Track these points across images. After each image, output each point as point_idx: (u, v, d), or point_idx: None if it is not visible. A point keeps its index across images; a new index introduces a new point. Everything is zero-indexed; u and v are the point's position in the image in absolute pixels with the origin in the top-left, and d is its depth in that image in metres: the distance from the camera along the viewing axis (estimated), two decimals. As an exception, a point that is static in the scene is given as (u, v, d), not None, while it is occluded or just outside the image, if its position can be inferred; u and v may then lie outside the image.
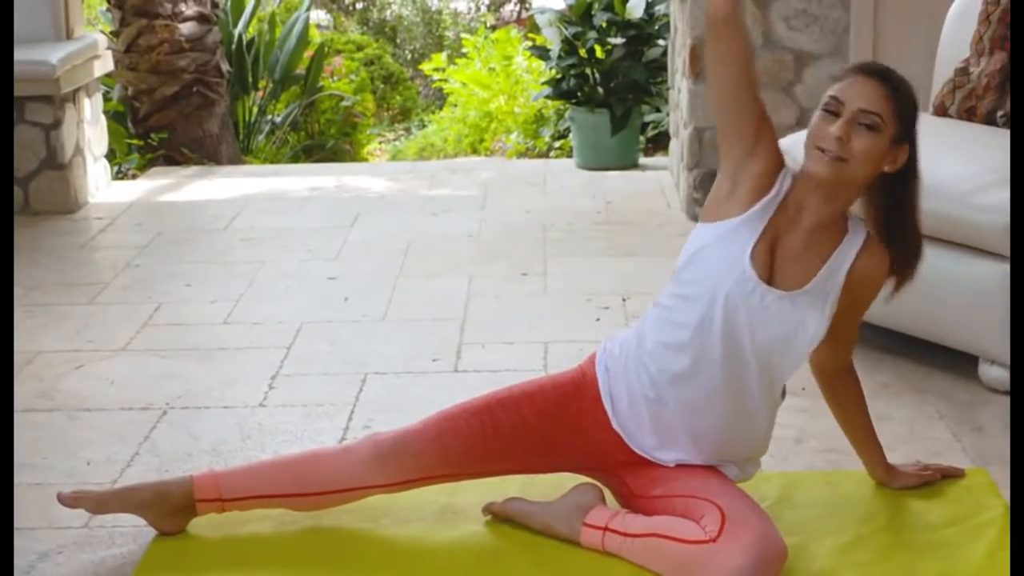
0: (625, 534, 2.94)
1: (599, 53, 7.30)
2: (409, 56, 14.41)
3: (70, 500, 3.10)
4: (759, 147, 2.97)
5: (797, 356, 2.97)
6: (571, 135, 7.64)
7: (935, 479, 3.30)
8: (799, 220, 2.95)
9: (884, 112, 2.89)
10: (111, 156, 7.28)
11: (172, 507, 3.10)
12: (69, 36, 6.52)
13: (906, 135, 2.93)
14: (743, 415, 2.99)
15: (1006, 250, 3.76)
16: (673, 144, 6.67)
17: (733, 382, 2.95)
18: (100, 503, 3.12)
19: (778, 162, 2.99)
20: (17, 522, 3.20)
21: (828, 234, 2.97)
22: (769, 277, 2.93)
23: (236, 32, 9.25)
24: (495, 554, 3.06)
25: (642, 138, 7.92)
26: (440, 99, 12.35)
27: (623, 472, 3.07)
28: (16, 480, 3.42)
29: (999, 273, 3.79)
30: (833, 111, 2.90)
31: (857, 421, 3.27)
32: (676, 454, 3.02)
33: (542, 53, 7.68)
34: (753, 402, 2.98)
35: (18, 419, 3.85)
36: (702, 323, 2.94)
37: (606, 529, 2.98)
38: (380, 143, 11.71)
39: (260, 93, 9.58)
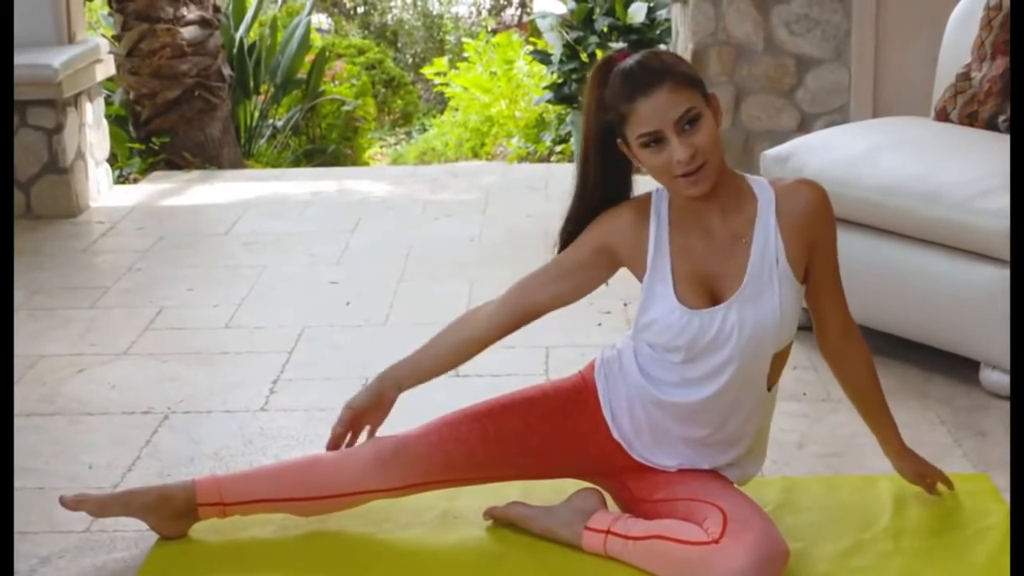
0: (627, 537, 2.94)
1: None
2: (410, 60, 14.44)
3: (72, 503, 3.10)
4: (606, 266, 3.04)
5: (771, 342, 2.93)
6: (572, 139, 7.65)
7: (931, 492, 3.25)
8: (707, 227, 2.93)
9: (685, 100, 2.79)
10: (112, 160, 7.29)
11: (174, 511, 3.10)
12: (71, 40, 6.53)
13: (704, 89, 2.85)
14: (739, 414, 2.99)
15: (1008, 255, 3.76)
16: (674, 149, 6.67)
17: (724, 389, 2.95)
18: (102, 506, 3.12)
19: (627, 233, 2.99)
20: (19, 526, 3.20)
21: (741, 213, 2.91)
22: (710, 297, 2.92)
23: (237, 36, 9.27)
24: (496, 558, 3.06)
25: (643, 143, 7.93)
26: (441, 103, 12.37)
27: (624, 477, 3.07)
28: (18, 484, 3.43)
29: (1001, 278, 3.79)
30: (657, 140, 2.81)
31: (866, 392, 3.15)
32: (676, 459, 3.02)
33: (543, 57, 7.71)
34: (747, 401, 2.98)
35: (20, 423, 3.85)
36: (676, 359, 2.95)
37: (608, 532, 2.98)
38: (381, 147, 11.73)
39: (261, 97, 9.60)
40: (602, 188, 3.03)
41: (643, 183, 3.09)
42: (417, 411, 3.70)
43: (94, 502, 3.12)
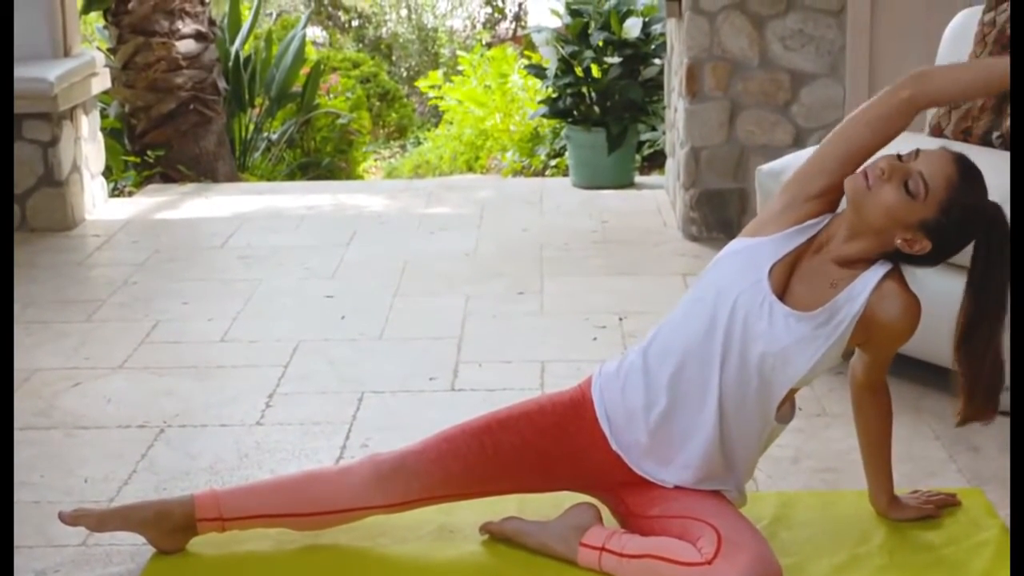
0: (621, 554, 2.95)
1: (595, 72, 7.33)
2: (405, 74, 14.46)
3: (70, 518, 3.10)
4: (819, 200, 3.02)
5: (793, 374, 2.95)
6: (567, 154, 7.66)
7: (936, 515, 3.26)
8: (823, 251, 2.98)
9: (935, 189, 2.88)
10: (107, 173, 7.29)
11: (173, 526, 3.11)
12: (67, 54, 6.54)
13: (936, 234, 2.91)
14: (738, 430, 2.99)
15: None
16: (669, 163, 6.69)
17: (730, 393, 2.96)
18: (101, 521, 3.12)
19: (827, 211, 3.02)
20: (15, 540, 3.20)
21: (849, 270, 2.97)
22: (782, 294, 2.96)
23: (233, 50, 9.27)
24: (492, 573, 3.06)
25: (638, 157, 7.94)
26: (436, 117, 12.39)
27: (621, 492, 3.07)
28: (14, 498, 3.43)
29: (995, 294, 3.79)
30: (904, 159, 2.91)
31: (875, 442, 3.22)
32: (674, 475, 3.02)
33: (538, 72, 7.71)
34: (748, 417, 2.98)
35: (15, 436, 3.84)
36: (709, 326, 2.96)
37: (603, 549, 2.98)
38: (376, 160, 11.74)
39: (256, 110, 9.60)
40: None
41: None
42: (412, 426, 3.72)
43: (93, 517, 3.12)
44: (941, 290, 3.93)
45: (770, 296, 2.94)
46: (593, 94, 7.34)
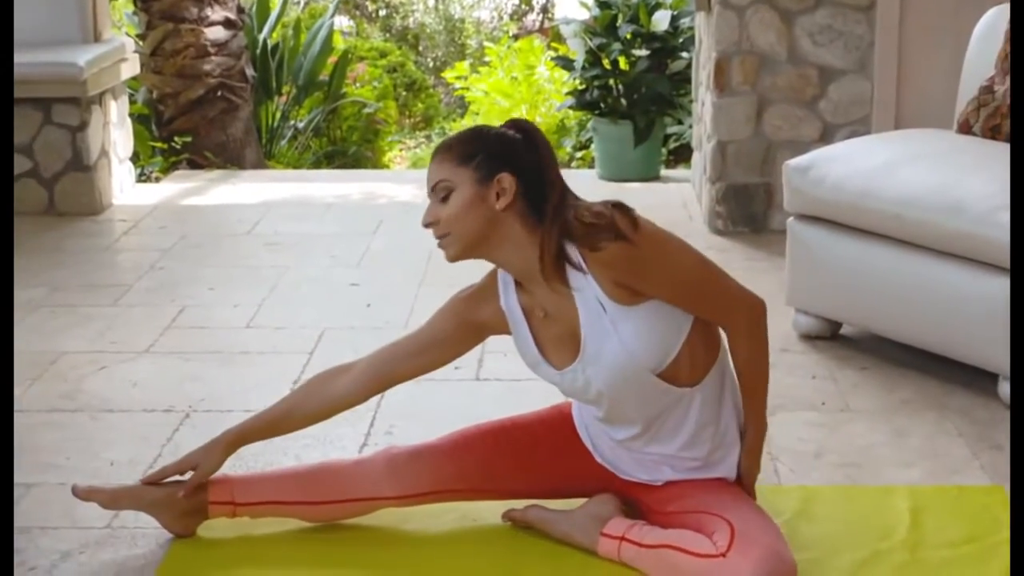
0: (640, 544, 2.96)
1: (623, 65, 7.32)
2: (431, 64, 14.45)
3: (84, 493, 3.12)
4: (472, 337, 3.14)
5: (648, 364, 2.89)
6: (593, 146, 7.66)
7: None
8: (534, 293, 2.98)
9: (445, 174, 2.88)
10: (135, 159, 7.32)
11: (185, 508, 3.13)
12: (97, 39, 6.56)
13: (493, 169, 2.88)
14: (665, 422, 3.00)
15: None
16: (696, 157, 6.68)
17: (643, 422, 3.00)
18: (113, 498, 3.14)
19: (483, 304, 3.08)
20: (40, 521, 3.24)
21: (558, 274, 2.92)
22: (575, 349, 2.94)
23: (261, 37, 9.29)
24: (513, 561, 3.07)
25: (664, 150, 7.93)
26: (462, 107, 12.38)
27: (634, 491, 3.10)
28: (39, 479, 3.46)
29: (1020, 292, 3.79)
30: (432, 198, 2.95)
31: (743, 386, 3.05)
32: (658, 474, 3.07)
33: (566, 63, 7.70)
34: (661, 410, 2.98)
35: (41, 419, 3.88)
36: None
37: (623, 539, 2.99)
38: (401, 150, 11.74)
39: (283, 98, 9.62)
40: None
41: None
42: (437, 414, 3.73)
43: (106, 494, 3.14)
44: (975, 293, 3.94)
45: (566, 375, 2.97)
46: (620, 87, 7.33)
